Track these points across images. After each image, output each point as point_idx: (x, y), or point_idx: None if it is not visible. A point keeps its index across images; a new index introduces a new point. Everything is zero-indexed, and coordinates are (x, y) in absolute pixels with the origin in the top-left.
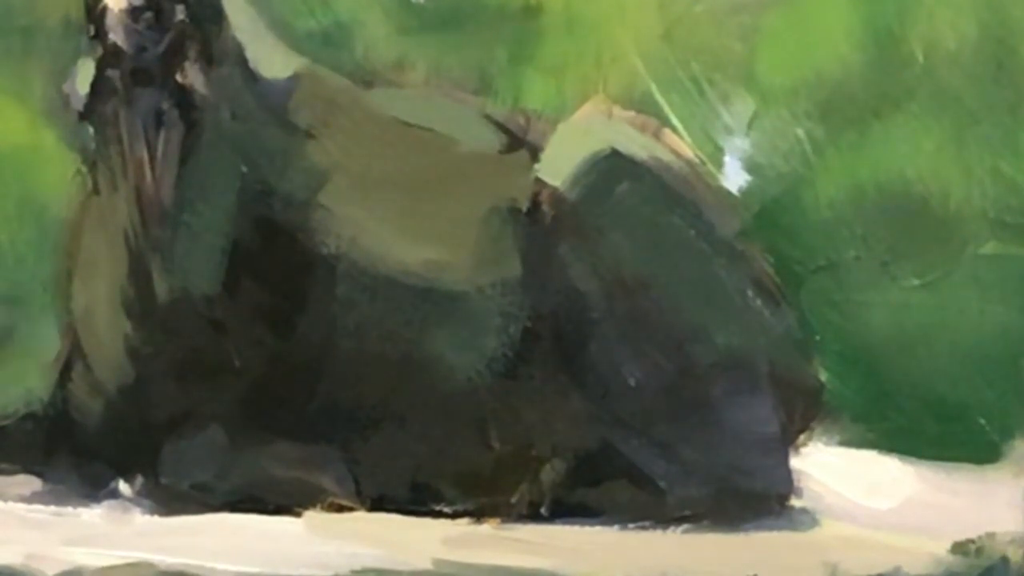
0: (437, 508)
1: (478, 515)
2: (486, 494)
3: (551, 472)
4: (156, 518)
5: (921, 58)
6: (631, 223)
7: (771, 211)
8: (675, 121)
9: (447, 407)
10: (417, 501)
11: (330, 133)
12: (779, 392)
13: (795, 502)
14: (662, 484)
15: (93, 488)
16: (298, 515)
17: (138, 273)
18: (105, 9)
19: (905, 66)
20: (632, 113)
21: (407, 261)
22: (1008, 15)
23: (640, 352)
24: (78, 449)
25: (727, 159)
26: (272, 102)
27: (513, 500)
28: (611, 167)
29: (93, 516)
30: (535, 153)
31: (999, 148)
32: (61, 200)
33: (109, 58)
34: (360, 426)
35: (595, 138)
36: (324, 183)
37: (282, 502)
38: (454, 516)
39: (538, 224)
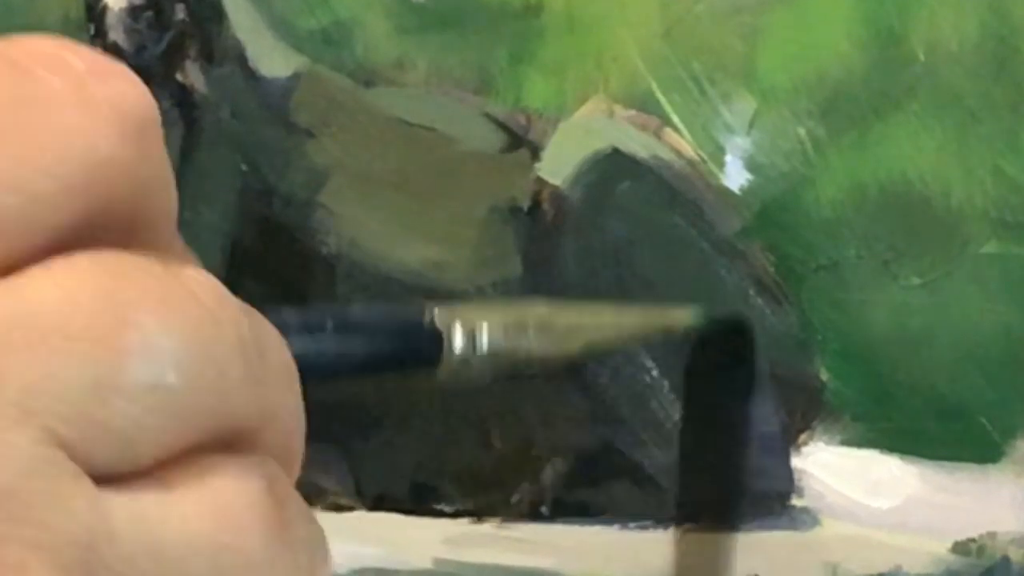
0: (437, 508)
1: (478, 515)
2: (486, 494)
3: (551, 472)
4: None
5: (922, 57)
6: (632, 222)
7: (772, 210)
8: (676, 120)
9: (447, 407)
10: (417, 501)
11: (330, 132)
12: (779, 391)
13: (796, 501)
14: (663, 483)
15: None
16: None
17: None
18: (105, 8)
19: (906, 65)
20: (633, 112)
21: (407, 261)
22: (1010, 14)
23: (640, 351)
24: None
25: (728, 158)
26: (272, 101)
27: (513, 500)
28: (612, 166)
29: None
30: (536, 152)
31: (1001, 147)
32: None
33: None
34: (360, 426)
35: (596, 137)
36: (324, 182)
37: None
38: (454, 516)
39: (539, 223)
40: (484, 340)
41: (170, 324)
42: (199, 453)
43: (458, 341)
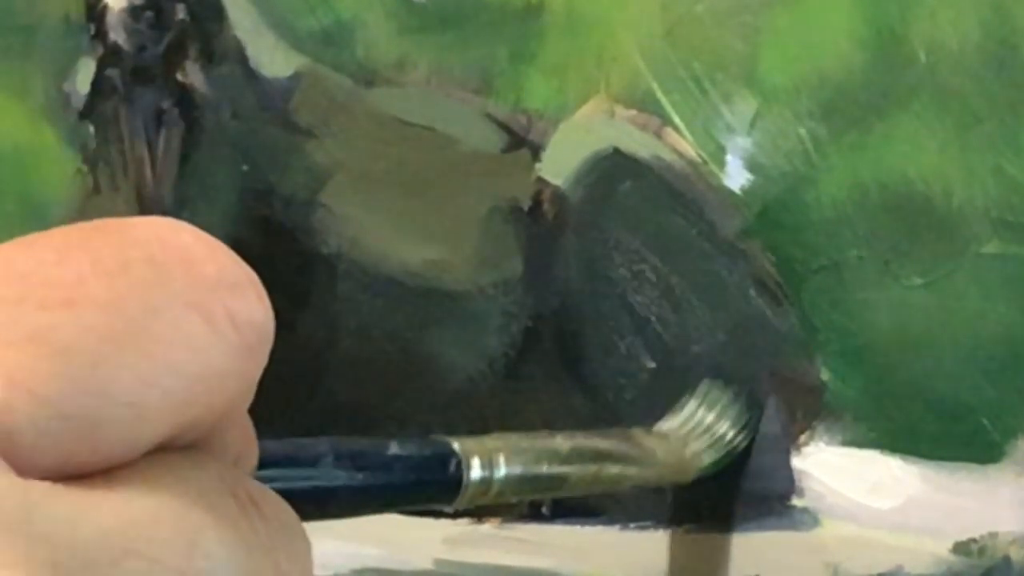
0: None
1: (478, 515)
2: None
3: None
4: None
5: (923, 58)
6: (633, 222)
7: (773, 210)
8: (677, 120)
9: (447, 407)
10: None
11: (331, 132)
12: (779, 392)
13: (796, 502)
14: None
15: None
16: None
17: None
18: (105, 8)
19: (907, 66)
20: (634, 112)
21: (408, 261)
22: (1010, 15)
23: (641, 351)
24: None
25: (729, 158)
26: (273, 101)
27: (513, 500)
28: (613, 166)
29: None
30: (536, 152)
31: (1002, 147)
32: (61, 200)
33: (109, 57)
34: (360, 426)
35: (597, 137)
36: (325, 183)
37: None
38: (454, 516)
39: (539, 223)
40: (502, 471)
41: (231, 554)
42: None
43: (476, 473)
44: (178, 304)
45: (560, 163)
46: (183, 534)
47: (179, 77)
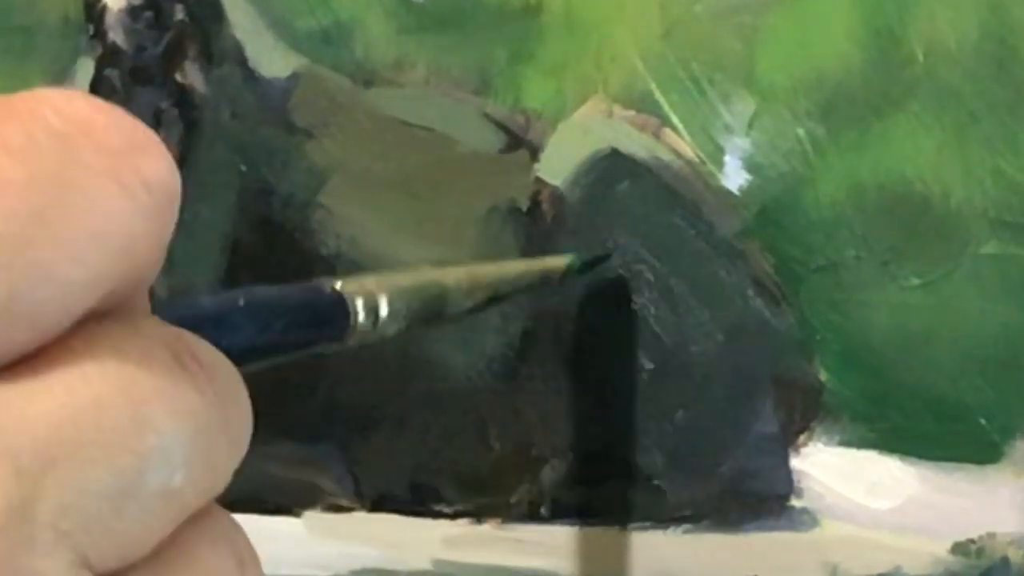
0: (437, 508)
1: (478, 515)
2: (486, 494)
3: (551, 472)
4: None
5: (922, 58)
6: (631, 222)
7: (771, 210)
8: (675, 120)
9: (447, 407)
10: (417, 501)
11: (330, 133)
12: (779, 392)
13: (795, 502)
14: (662, 484)
15: None
16: (298, 515)
17: None
18: (104, 8)
19: (906, 66)
20: (632, 112)
21: (407, 261)
22: (1009, 14)
23: (639, 352)
24: None
25: (727, 158)
26: (272, 101)
27: (513, 500)
28: (611, 166)
29: None
30: (535, 152)
31: (1000, 148)
32: None
33: (108, 57)
34: (360, 426)
35: (595, 137)
36: (324, 183)
37: (282, 502)
38: (454, 516)
39: (538, 224)
40: (384, 308)
41: (180, 424)
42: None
43: (361, 311)
44: (91, 174)
45: (558, 163)
46: (131, 413)
47: (178, 77)
